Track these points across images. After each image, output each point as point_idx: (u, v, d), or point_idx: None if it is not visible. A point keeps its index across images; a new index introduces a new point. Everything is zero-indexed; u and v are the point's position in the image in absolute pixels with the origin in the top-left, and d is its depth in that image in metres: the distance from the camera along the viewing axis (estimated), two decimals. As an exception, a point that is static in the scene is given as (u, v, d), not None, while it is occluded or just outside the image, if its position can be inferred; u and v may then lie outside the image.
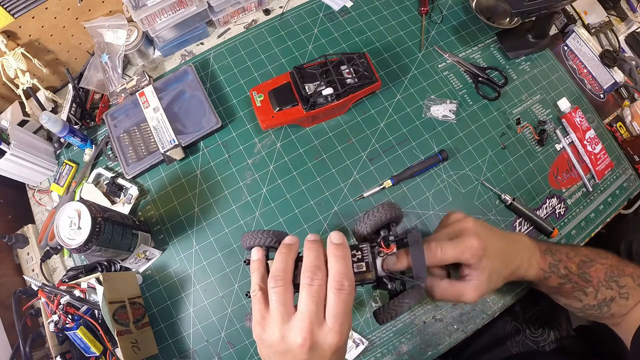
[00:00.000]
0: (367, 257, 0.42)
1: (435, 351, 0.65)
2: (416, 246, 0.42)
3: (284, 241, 0.42)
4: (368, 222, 0.43)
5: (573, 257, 0.56)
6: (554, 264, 0.54)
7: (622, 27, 0.91)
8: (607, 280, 0.55)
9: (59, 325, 0.56)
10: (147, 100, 0.74)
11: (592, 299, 0.55)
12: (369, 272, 0.41)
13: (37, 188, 0.78)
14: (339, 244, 0.39)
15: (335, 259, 0.38)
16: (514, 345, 0.71)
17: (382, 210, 0.43)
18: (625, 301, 0.55)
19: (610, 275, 0.55)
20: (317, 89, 0.71)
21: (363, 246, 0.42)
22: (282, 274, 0.39)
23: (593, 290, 0.55)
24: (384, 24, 0.85)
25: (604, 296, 0.55)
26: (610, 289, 0.55)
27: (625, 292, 0.55)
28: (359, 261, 0.42)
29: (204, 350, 0.65)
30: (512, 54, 0.82)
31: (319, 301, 0.37)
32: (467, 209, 0.71)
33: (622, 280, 0.56)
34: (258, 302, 0.40)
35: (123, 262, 0.67)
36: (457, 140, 0.76)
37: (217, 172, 0.74)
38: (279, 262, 0.40)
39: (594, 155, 0.75)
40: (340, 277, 0.37)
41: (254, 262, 0.42)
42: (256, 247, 0.43)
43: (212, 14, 0.82)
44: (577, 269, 0.55)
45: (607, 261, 0.57)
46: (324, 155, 0.75)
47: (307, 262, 0.39)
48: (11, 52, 0.70)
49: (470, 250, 0.47)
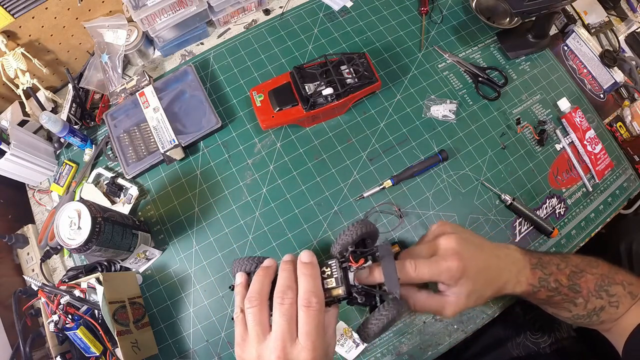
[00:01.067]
0: (336, 273, 0.42)
1: (435, 351, 0.65)
2: (387, 258, 0.41)
3: (262, 265, 0.43)
4: (340, 242, 0.43)
5: (564, 269, 0.55)
6: (544, 277, 0.53)
7: (622, 27, 0.91)
8: (597, 290, 0.54)
9: (59, 325, 0.56)
10: (147, 100, 0.74)
11: (581, 309, 0.55)
12: (339, 288, 0.41)
13: (37, 188, 0.78)
14: (307, 262, 0.41)
15: (304, 277, 0.40)
16: (514, 346, 0.71)
17: (353, 229, 0.43)
18: (615, 309, 0.55)
19: (600, 285, 0.55)
20: (317, 89, 0.71)
21: (332, 262, 0.43)
22: (256, 295, 0.40)
23: (583, 301, 0.54)
24: (384, 24, 0.85)
25: (593, 306, 0.54)
26: (600, 299, 0.54)
27: (615, 301, 0.55)
28: (328, 277, 0.42)
29: (204, 350, 0.65)
30: (512, 54, 0.82)
31: (290, 320, 0.38)
32: (467, 209, 0.71)
33: (612, 289, 0.55)
34: (239, 323, 0.41)
35: (123, 262, 0.67)
36: (457, 140, 0.76)
37: (217, 172, 0.74)
38: (255, 284, 0.41)
39: (594, 155, 0.75)
40: (308, 294, 0.39)
41: (237, 286, 0.44)
42: (240, 272, 0.45)
43: (212, 14, 0.82)
44: (567, 280, 0.54)
45: (598, 270, 0.56)
46: (324, 155, 0.75)
47: (279, 282, 0.40)
48: (11, 52, 0.70)
49: (448, 272, 0.46)
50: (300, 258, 0.41)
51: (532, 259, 0.53)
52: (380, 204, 0.71)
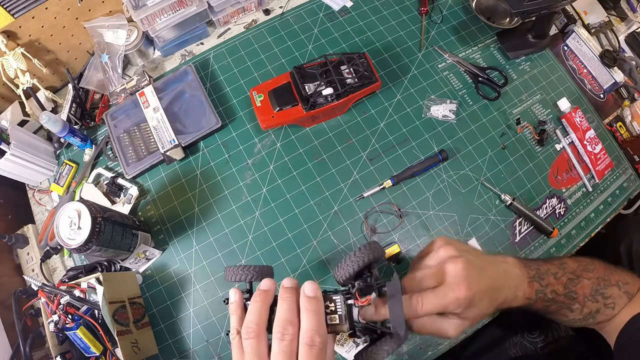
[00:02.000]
0: (341, 310, 0.40)
1: (435, 351, 0.65)
2: (395, 298, 0.39)
3: (259, 286, 0.41)
4: (346, 269, 0.41)
5: (561, 277, 0.54)
6: (541, 290, 0.52)
7: (622, 27, 0.91)
8: (593, 295, 0.54)
9: (59, 325, 0.56)
10: (147, 100, 0.74)
11: (577, 314, 0.55)
12: (343, 325, 0.40)
13: (37, 188, 0.78)
14: (311, 297, 0.38)
15: (308, 313, 0.37)
16: (512, 346, 0.71)
17: (360, 255, 0.40)
18: (611, 310, 0.55)
19: (596, 289, 0.55)
20: (317, 89, 0.71)
21: (336, 298, 0.40)
22: (254, 326, 0.38)
23: (579, 306, 0.54)
24: (384, 24, 0.85)
25: (589, 310, 0.55)
26: (596, 302, 0.54)
27: (611, 303, 0.55)
28: (332, 313, 0.40)
29: (204, 350, 0.65)
30: (512, 54, 0.82)
31: (290, 356, 0.36)
32: (467, 209, 0.71)
33: (608, 292, 0.55)
34: (236, 347, 0.39)
35: (123, 262, 0.67)
36: (457, 140, 0.76)
37: (217, 172, 0.74)
38: (253, 312, 0.39)
39: (594, 155, 0.75)
40: (311, 333, 0.36)
41: (231, 305, 0.42)
42: (233, 289, 0.43)
43: (212, 14, 0.82)
44: (563, 289, 0.53)
45: (594, 274, 0.56)
46: (324, 155, 0.75)
47: (279, 314, 0.38)
48: (11, 52, 0.70)
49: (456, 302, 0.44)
50: (304, 290, 0.39)
51: (530, 271, 0.53)
52: (380, 204, 0.71)
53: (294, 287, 0.40)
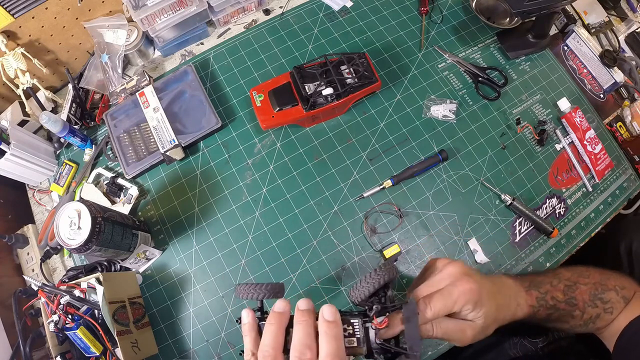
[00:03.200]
0: (359, 333, 0.41)
1: (435, 351, 0.65)
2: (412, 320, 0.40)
3: (273, 308, 0.40)
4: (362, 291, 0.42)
5: (557, 285, 0.55)
6: (541, 296, 0.53)
7: (622, 27, 0.91)
8: (592, 300, 0.56)
9: (59, 325, 0.56)
10: (147, 100, 0.74)
11: (578, 320, 0.56)
12: (361, 348, 0.40)
13: (37, 188, 0.78)
14: (331, 321, 0.38)
15: (327, 338, 0.37)
16: (512, 347, 0.71)
17: (376, 277, 0.41)
18: (610, 315, 0.56)
19: (594, 294, 0.56)
20: (317, 89, 0.71)
21: (354, 321, 0.41)
22: (271, 350, 0.37)
23: (579, 312, 0.55)
24: (384, 24, 0.85)
25: (589, 315, 0.56)
26: (596, 307, 0.56)
27: (609, 307, 0.56)
28: (350, 336, 0.41)
29: (204, 350, 0.65)
30: (512, 54, 0.82)
31: None
32: (467, 209, 0.71)
33: (606, 296, 0.56)
34: None
35: (123, 262, 0.67)
36: (457, 140, 0.76)
37: (217, 172, 0.74)
38: (268, 336, 0.38)
39: (594, 155, 0.75)
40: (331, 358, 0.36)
41: (244, 326, 0.41)
42: (246, 310, 0.42)
43: (212, 14, 0.82)
44: (563, 296, 0.55)
45: (590, 279, 0.57)
46: (324, 155, 0.75)
47: (296, 338, 0.37)
48: (11, 52, 0.70)
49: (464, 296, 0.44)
50: (323, 315, 0.38)
51: (523, 282, 0.54)
52: (381, 204, 0.71)
53: (311, 309, 0.39)
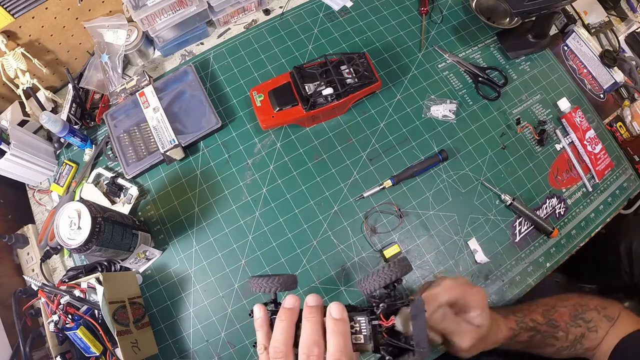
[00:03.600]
0: (365, 331, 0.41)
1: (435, 351, 0.64)
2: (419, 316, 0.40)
3: (283, 304, 0.41)
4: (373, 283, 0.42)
5: (535, 309, 0.58)
6: (520, 319, 0.56)
7: (622, 27, 0.91)
8: (573, 320, 0.57)
9: (59, 325, 0.56)
10: (147, 100, 0.74)
11: (563, 341, 0.57)
12: (368, 344, 0.41)
13: (37, 188, 0.78)
14: (338, 319, 0.38)
15: (334, 335, 0.38)
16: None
17: (389, 272, 0.42)
18: (595, 334, 0.57)
19: (575, 315, 0.58)
20: (317, 89, 0.71)
21: (361, 318, 0.41)
22: (282, 346, 0.39)
23: (563, 333, 0.57)
24: (384, 24, 0.85)
25: (574, 335, 0.57)
26: (579, 327, 0.57)
27: (593, 326, 0.57)
28: (357, 333, 0.41)
29: (204, 350, 0.65)
30: (512, 54, 0.82)
31: None
32: (467, 209, 0.71)
33: (587, 315, 0.58)
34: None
35: (123, 262, 0.67)
36: (457, 140, 0.76)
37: (217, 172, 0.74)
38: (279, 332, 0.39)
39: (594, 155, 0.75)
40: (338, 355, 0.37)
41: (256, 321, 0.42)
42: (257, 305, 0.43)
43: (212, 14, 0.82)
44: (542, 318, 0.57)
45: (569, 302, 0.59)
46: (324, 155, 0.75)
47: (304, 335, 0.38)
48: (11, 52, 0.70)
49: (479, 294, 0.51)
50: (330, 312, 0.39)
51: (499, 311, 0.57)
52: (381, 204, 0.71)
53: (319, 305, 0.40)
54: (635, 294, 0.75)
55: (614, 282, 0.77)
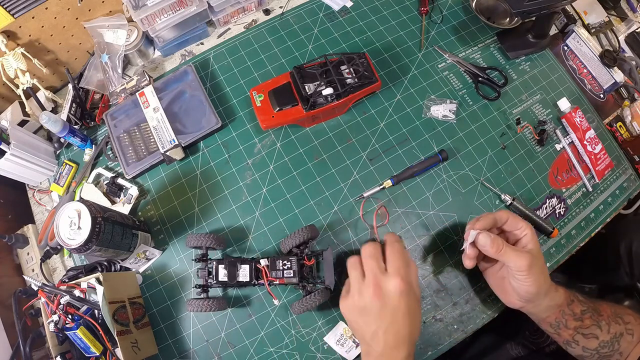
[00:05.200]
0: (294, 267, 0.62)
1: (435, 351, 0.65)
2: (328, 262, 0.62)
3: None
4: (291, 242, 0.62)
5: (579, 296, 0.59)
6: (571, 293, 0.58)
7: (622, 27, 0.91)
8: (614, 315, 0.58)
9: (59, 325, 0.56)
10: (147, 100, 0.74)
11: (605, 333, 0.57)
12: (294, 277, 0.61)
13: (37, 188, 0.78)
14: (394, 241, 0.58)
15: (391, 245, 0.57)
16: (513, 347, 0.72)
17: (302, 233, 0.62)
18: (631, 337, 0.57)
19: (615, 312, 0.58)
20: (317, 89, 0.71)
21: (292, 259, 0.62)
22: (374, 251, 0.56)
23: (605, 324, 0.57)
24: (384, 24, 0.85)
25: (615, 330, 0.57)
26: (618, 324, 0.57)
27: (630, 328, 0.57)
28: (288, 269, 0.62)
29: (204, 350, 0.65)
30: (512, 54, 0.82)
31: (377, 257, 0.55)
32: (467, 209, 0.71)
33: (626, 317, 0.58)
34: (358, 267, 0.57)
35: (123, 262, 0.67)
36: (457, 140, 0.76)
37: (217, 172, 0.74)
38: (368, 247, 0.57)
39: (594, 155, 0.75)
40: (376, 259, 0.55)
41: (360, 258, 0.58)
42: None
43: (212, 14, 0.82)
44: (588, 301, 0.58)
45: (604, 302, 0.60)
46: (324, 155, 0.75)
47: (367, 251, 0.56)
48: (11, 52, 0.70)
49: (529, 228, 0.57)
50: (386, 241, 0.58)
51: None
52: (381, 204, 0.71)
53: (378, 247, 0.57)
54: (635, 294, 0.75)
55: (614, 282, 0.77)
